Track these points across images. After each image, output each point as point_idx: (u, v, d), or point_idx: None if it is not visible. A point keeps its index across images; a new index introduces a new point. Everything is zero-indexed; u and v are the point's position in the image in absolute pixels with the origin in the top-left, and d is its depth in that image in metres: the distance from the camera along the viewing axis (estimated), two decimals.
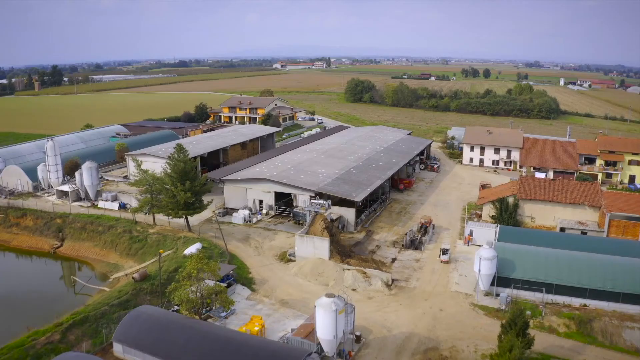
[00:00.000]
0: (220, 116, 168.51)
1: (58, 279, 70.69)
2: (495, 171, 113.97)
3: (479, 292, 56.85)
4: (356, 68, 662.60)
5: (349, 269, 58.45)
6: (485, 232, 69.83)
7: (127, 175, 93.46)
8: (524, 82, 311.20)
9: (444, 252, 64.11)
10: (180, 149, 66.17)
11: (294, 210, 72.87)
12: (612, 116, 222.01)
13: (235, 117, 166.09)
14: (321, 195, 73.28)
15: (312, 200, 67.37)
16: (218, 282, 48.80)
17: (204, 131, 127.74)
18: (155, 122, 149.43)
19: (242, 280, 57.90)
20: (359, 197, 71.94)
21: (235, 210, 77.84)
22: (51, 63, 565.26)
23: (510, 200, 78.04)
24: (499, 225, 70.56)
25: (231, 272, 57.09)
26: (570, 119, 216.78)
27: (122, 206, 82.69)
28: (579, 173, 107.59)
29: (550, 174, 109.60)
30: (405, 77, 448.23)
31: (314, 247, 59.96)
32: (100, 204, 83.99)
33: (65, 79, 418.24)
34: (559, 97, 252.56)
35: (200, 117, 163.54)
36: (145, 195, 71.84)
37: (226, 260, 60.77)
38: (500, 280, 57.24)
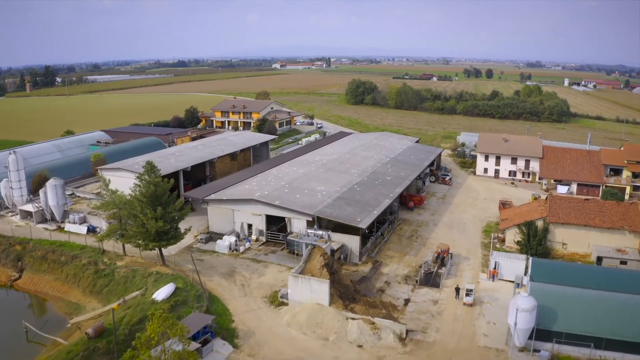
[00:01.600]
0: (212, 121, 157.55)
1: (10, 319, 59.91)
2: (512, 183, 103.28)
3: (513, 347, 46.23)
4: (356, 68, 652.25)
5: (353, 318, 47.75)
6: (514, 265, 59.21)
7: (100, 192, 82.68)
8: (533, 84, 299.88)
9: (467, 293, 53.40)
10: (150, 167, 55.37)
11: (288, 238, 62.06)
12: (623, 119, 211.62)
13: (228, 121, 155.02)
14: (319, 220, 62.64)
15: (309, 230, 56.70)
16: (186, 348, 37.99)
17: (193, 138, 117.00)
18: (142, 128, 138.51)
19: (222, 333, 47.17)
20: (364, 223, 61.21)
21: (221, 236, 67.10)
22: (50, 63, 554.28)
23: (539, 224, 67.42)
24: (530, 257, 59.97)
25: (209, 322, 46.36)
26: (581, 122, 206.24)
27: (92, 229, 72.02)
28: (605, 186, 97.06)
29: (574, 187, 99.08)
30: (407, 77, 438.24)
31: (310, 291, 49.24)
32: (67, 226, 73.34)
33: (59, 79, 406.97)
34: (566, 98, 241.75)
35: (191, 122, 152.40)
36: (114, 221, 61.16)
37: (204, 307, 50.02)
38: (539, 332, 46.58)
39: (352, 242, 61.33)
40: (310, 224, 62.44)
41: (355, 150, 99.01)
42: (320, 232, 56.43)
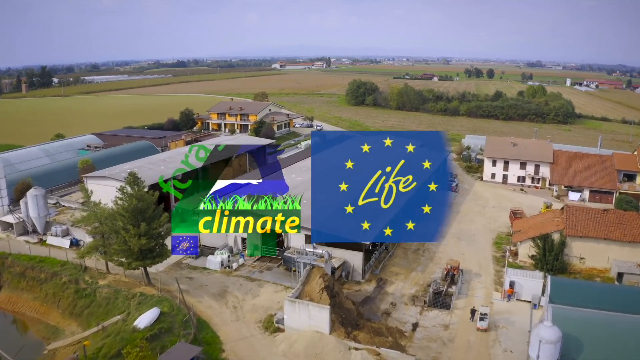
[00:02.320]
0: (208, 123, 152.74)
1: None
2: (521, 190, 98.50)
3: None
4: (357, 68, 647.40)
5: (357, 348, 43.00)
6: (531, 284, 54.48)
7: (85, 201, 77.78)
8: (537, 84, 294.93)
9: (482, 317, 48.64)
10: (133, 178, 50.61)
11: (284, 254, 57.28)
12: (629, 120, 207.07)
13: (225, 124, 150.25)
14: None
15: (308, 249, 51.98)
16: None
17: (187, 142, 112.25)
18: (135, 131, 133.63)
19: None
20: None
21: (213, 250, 62.37)
22: (50, 63, 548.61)
23: (555, 237, 62.69)
24: (547, 274, 55.27)
25: (197, 354, 41.65)
26: (587, 123, 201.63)
27: (75, 243, 67.30)
28: (619, 193, 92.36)
29: (586, 194, 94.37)
30: (407, 77, 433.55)
31: (309, 317, 44.50)
32: (49, 239, 68.63)
33: (55, 79, 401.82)
34: (570, 99, 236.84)
35: (186, 125, 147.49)
36: (96, 237, 56.46)
37: (191, 335, 45.25)
38: None
39: (355, 259, 56.56)
40: (309, 239, 57.72)
41: None
42: (319, 251, 51.75)
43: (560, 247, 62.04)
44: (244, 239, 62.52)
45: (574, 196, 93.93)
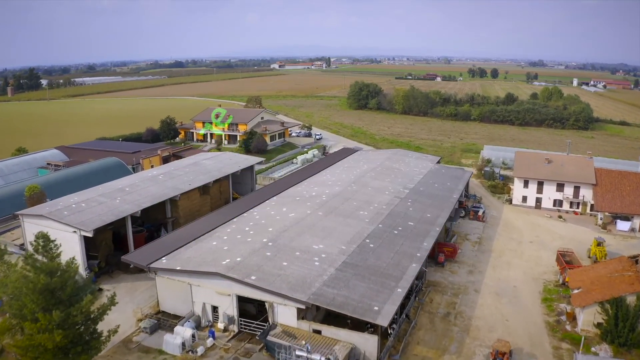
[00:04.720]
0: (192, 133, 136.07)
1: None
2: (560, 217, 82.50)
3: None
4: (357, 68, 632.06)
5: None
6: None
7: (23, 244, 61.89)
8: (551, 86, 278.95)
9: None
10: (44, 242, 34.54)
11: (267, 338, 41.17)
12: None
13: (211, 134, 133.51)
14: (317, 310, 42.03)
15: (299, 352, 35.91)
16: None
17: (164, 157, 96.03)
18: (107, 144, 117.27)
19: None
20: (384, 315, 40.34)
21: (175, 320, 46.44)
22: (49, 64, 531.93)
23: (630, 300, 46.91)
24: None
25: None
26: (607, 128, 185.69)
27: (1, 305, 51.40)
28: None
29: (637, 223, 78.52)
30: (410, 77, 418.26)
31: None
32: None
33: (44, 82, 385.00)
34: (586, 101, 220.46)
35: (167, 135, 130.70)
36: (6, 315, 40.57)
37: None
38: None
39: (367, 344, 40.52)
40: (301, 313, 41.89)
41: (365, 177, 78.22)
42: (316, 357, 35.75)
43: (636, 315, 46.29)
44: (215, 307, 46.42)
45: (622, 225, 78.14)
